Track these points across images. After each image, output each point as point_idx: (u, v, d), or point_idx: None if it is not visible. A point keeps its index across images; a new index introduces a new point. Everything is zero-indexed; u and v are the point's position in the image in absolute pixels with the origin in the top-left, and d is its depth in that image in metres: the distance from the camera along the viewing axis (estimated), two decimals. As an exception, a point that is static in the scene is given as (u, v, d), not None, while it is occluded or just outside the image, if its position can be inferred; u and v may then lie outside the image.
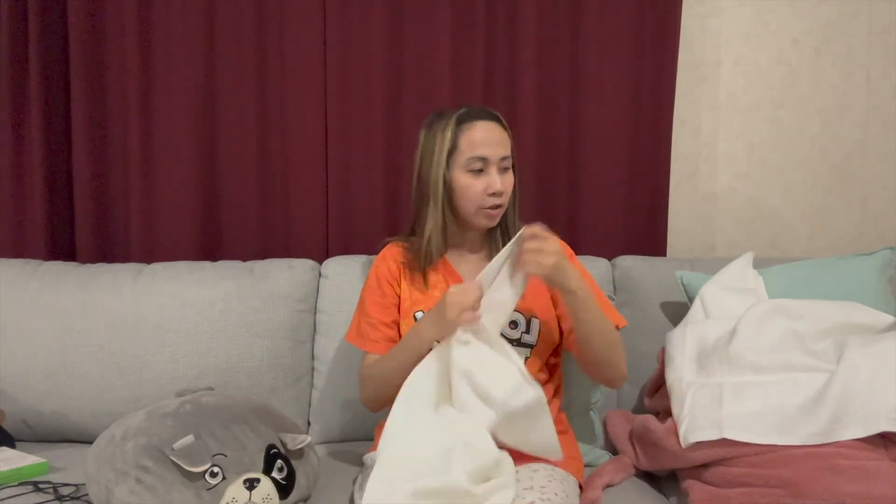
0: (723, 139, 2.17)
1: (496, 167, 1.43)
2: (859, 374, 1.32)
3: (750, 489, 1.27)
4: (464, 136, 1.42)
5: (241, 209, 2.04)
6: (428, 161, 1.45)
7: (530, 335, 1.48)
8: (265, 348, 1.75)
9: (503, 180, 1.43)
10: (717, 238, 2.20)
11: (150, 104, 1.99)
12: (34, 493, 1.40)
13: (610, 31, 2.01)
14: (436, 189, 1.43)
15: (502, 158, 1.44)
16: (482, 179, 1.42)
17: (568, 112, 2.04)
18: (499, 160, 1.43)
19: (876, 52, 2.14)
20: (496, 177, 1.42)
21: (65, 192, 2.05)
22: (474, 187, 1.42)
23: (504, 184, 1.43)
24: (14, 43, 1.97)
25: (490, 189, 1.42)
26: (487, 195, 1.42)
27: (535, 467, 1.33)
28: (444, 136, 1.43)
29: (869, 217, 2.19)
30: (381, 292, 1.50)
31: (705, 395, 1.42)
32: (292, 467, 1.32)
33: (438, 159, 1.43)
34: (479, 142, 1.42)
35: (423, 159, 1.47)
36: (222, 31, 1.99)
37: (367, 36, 1.99)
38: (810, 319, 1.49)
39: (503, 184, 1.43)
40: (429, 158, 1.45)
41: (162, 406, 1.34)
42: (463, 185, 1.42)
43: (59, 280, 1.79)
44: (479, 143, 1.42)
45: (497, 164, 1.43)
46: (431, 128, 1.46)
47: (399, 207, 2.03)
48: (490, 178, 1.42)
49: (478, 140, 1.42)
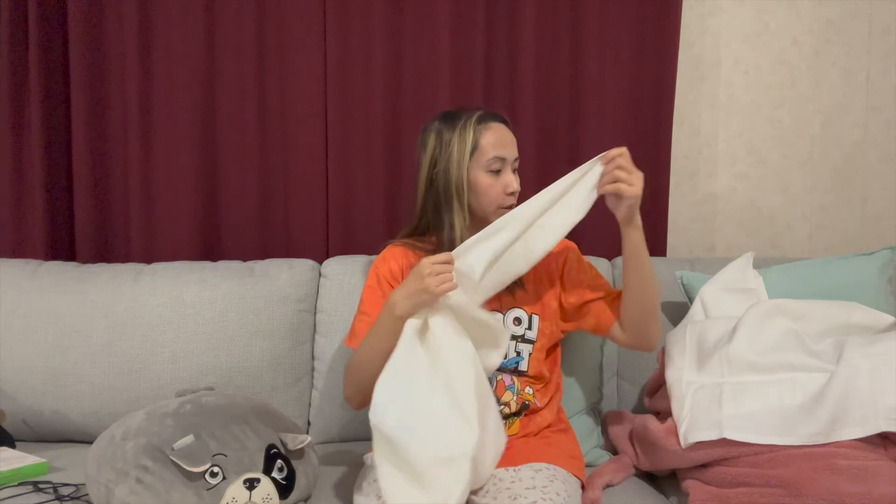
0: (723, 139, 2.17)
1: (511, 167, 1.47)
2: (859, 374, 1.32)
3: (750, 489, 1.27)
4: (484, 137, 1.45)
5: (241, 209, 2.04)
6: (447, 161, 1.45)
7: (532, 331, 1.49)
8: (265, 348, 1.75)
9: (517, 180, 1.48)
10: (717, 238, 2.20)
11: (150, 104, 2.00)
12: (34, 493, 1.40)
13: (610, 30, 2.01)
14: (460, 188, 1.44)
15: (515, 159, 1.48)
16: (501, 179, 1.46)
17: (568, 112, 2.04)
18: (513, 160, 1.48)
19: (876, 52, 2.14)
20: (512, 176, 1.47)
21: (65, 192, 2.05)
22: (495, 187, 1.45)
23: (518, 184, 1.48)
24: (14, 44, 1.97)
25: (508, 189, 1.46)
26: (506, 195, 1.46)
27: (538, 467, 1.34)
28: (464, 136, 1.44)
29: (869, 217, 2.19)
30: (380, 292, 1.50)
31: (705, 395, 1.42)
32: (292, 467, 1.32)
33: (460, 159, 1.44)
34: (499, 142, 1.45)
35: (438, 159, 1.46)
36: (222, 31, 1.99)
37: (367, 36, 1.99)
38: (810, 319, 1.49)
39: (518, 183, 1.47)
40: (447, 158, 1.45)
41: (162, 406, 1.34)
42: (485, 185, 1.45)
43: (59, 280, 1.79)
44: (499, 143, 1.45)
45: (512, 164, 1.47)
46: (445, 129, 1.46)
47: (399, 207, 2.03)
48: (507, 178, 1.46)
49: (497, 140, 1.45)
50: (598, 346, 1.76)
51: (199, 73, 1.99)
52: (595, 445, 1.66)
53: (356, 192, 2.03)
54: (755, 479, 1.28)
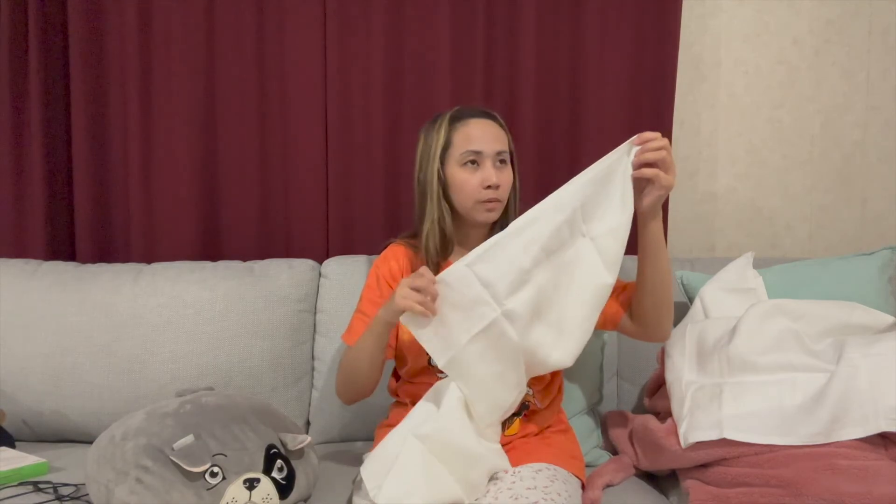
0: (723, 139, 2.17)
1: (491, 161, 1.43)
2: (859, 373, 1.32)
3: (750, 489, 1.27)
4: (457, 133, 1.44)
5: (241, 209, 2.04)
6: (425, 160, 1.46)
7: None
8: (265, 348, 1.75)
9: (499, 174, 1.43)
10: (717, 238, 2.20)
11: (150, 104, 2.00)
12: (34, 493, 1.40)
13: (610, 31, 2.00)
14: (431, 185, 1.44)
15: (498, 153, 1.44)
16: (478, 174, 1.42)
17: (568, 112, 2.03)
18: (494, 154, 1.43)
19: (876, 52, 2.14)
20: (491, 170, 1.42)
21: (65, 192, 2.05)
22: (470, 181, 1.42)
23: (500, 177, 1.43)
24: (14, 44, 1.97)
25: (486, 182, 1.42)
26: (483, 188, 1.42)
27: (538, 467, 1.34)
28: (438, 134, 1.45)
29: (869, 217, 2.19)
30: (378, 292, 1.50)
31: (705, 395, 1.42)
32: (292, 467, 1.32)
33: (433, 156, 1.44)
34: (473, 136, 1.43)
35: (420, 160, 1.48)
36: (222, 31, 1.99)
37: (367, 35, 1.99)
38: (810, 319, 1.49)
39: (499, 177, 1.43)
40: (425, 158, 1.46)
41: (162, 406, 1.34)
42: (460, 180, 1.43)
43: (59, 280, 1.79)
44: (473, 137, 1.43)
45: (492, 157, 1.43)
46: (429, 130, 1.48)
47: (399, 207, 2.03)
48: (485, 172, 1.42)
49: (471, 135, 1.43)
50: (599, 346, 1.76)
51: (199, 73, 1.99)
52: (595, 445, 1.65)
53: (356, 191, 2.03)
54: (755, 479, 1.28)
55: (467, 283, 1.28)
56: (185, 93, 1.98)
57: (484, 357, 1.29)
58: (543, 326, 1.32)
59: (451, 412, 1.28)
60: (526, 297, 1.29)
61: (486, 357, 1.29)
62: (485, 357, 1.29)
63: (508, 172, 1.46)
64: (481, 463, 1.29)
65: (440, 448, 1.24)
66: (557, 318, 1.32)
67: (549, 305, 1.32)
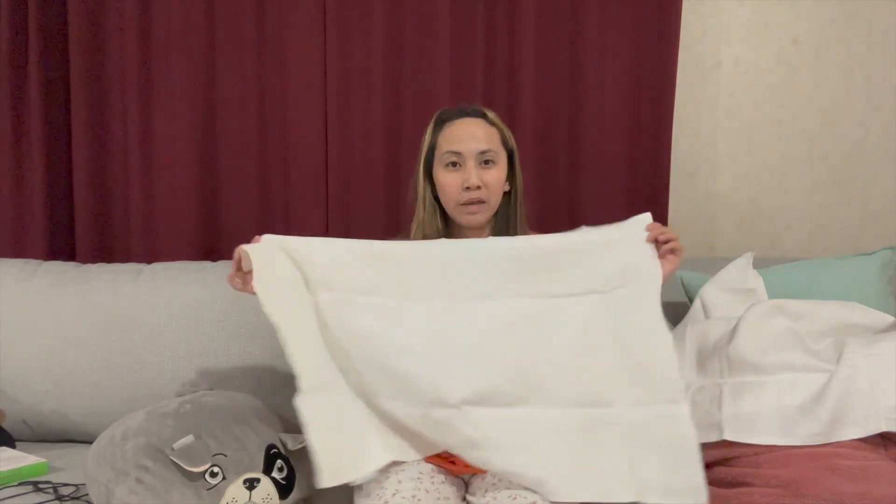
0: (723, 139, 2.17)
1: (474, 161, 1.41)
2: (859, 373, 1.32)
3: (750, 489, 1.27)
4: (441, 134, 1.45)
5: (241, 209, 2.04)
6: (418, 162, 1.49)
7: None
8: (265, 348, 1.74)
9: (483, 174, 1.41)
10: (717, 238, 2.20)
11: (150, 104, 2.00)
12: (34, 493, 1.40)
13: (610, 31, 2.01)
14: (417, 187, 1.47)
15: (481, 152, 1.42)
16: (458, 174, 1.42)
17: (568, 112, 2.04)
18: (476, 154, 1.41)
19: (876, 52, 2.13)
20: (472, 171, 1.40)
21: (65, 192, 2.05)
22: (452, 183, 1.42)
23: (484, 177, 1.41)
24: (14, 43, 1.97)
25: (465, 183, 1.40)
26: (462, 190, 1.41)
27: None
28: (426, 136, 1.47)
29: (869, 217, 2.19)
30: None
31: (705, 396, 1.42)
32: (292, 467, 1.32)
33: (421, 158, 1.47)
34: (454, 137, 1.43)
35: (417, 162, 1.50)
36: (222, 30, 1.99)
37: (367, 35, 1.99)
38: (810, 319, 1.49)
39: (480, 177, 1.41)
40: (418, 160, 1.49)
41: (162, 406, 1.34)
42: (444, 182, 1.44)
43: (59, 280, 1.79)
44: (454, 138, 1.43)
45: (474, 158, 1.41)
46: (426, 131, 1.50)
47: (399, 207, 2.03)
48: (465, 173, 1.41)
49: (452, 136, 1.44)
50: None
51: (199, 73, 1.99)
52: (595, 445, 1.65)
53: (356, 191, 2.03)
54: (755, 480, 1.28)
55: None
56: (185, 93, 1.99)
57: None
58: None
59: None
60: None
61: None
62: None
63: (494, 172, 1.43)
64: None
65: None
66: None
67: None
